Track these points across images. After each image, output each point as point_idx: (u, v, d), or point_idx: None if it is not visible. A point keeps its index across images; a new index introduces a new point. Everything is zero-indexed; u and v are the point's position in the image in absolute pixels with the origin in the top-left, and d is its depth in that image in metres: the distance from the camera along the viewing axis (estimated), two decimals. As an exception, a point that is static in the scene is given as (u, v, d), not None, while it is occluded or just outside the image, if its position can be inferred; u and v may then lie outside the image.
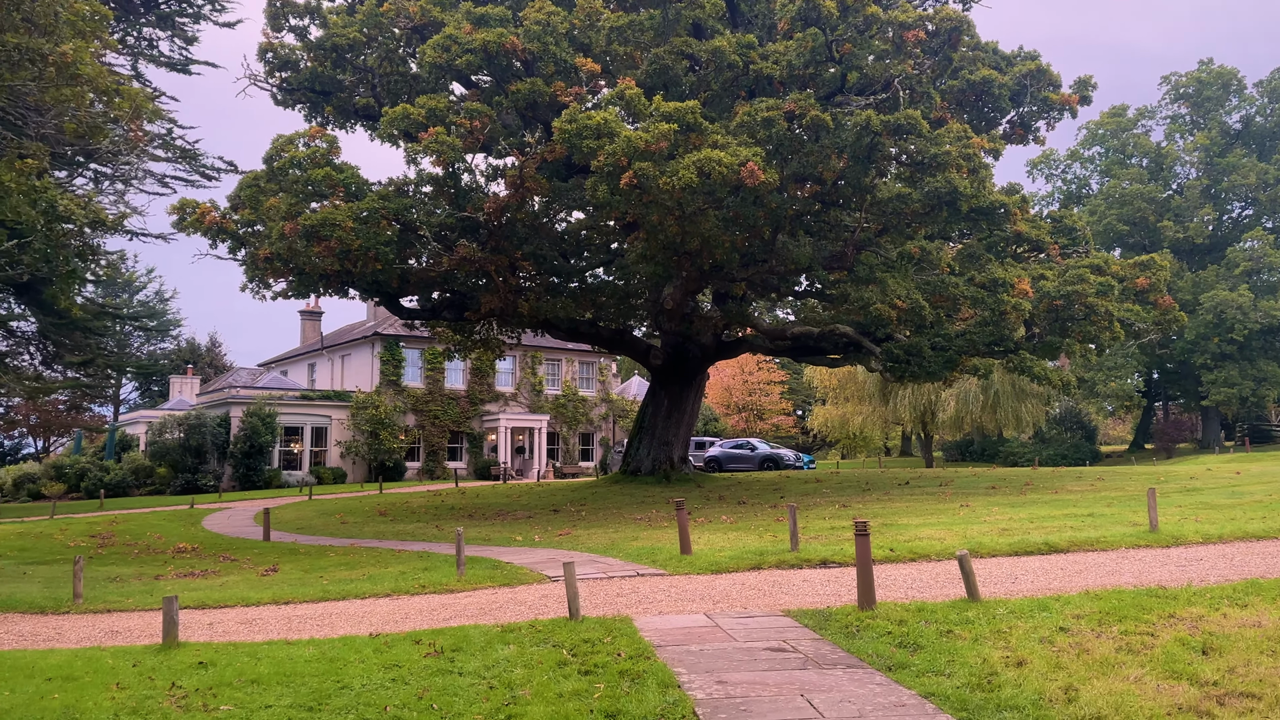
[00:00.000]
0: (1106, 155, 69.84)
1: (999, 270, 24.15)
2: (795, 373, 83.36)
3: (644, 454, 30.80)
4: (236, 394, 49.29)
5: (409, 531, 21.68)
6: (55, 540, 21.96)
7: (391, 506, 28.89)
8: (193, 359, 78.12)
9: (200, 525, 25.79)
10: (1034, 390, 58.22)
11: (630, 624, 8.45)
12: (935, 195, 21.93)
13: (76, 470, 46.28)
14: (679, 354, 30.73)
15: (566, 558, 14.40)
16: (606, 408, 58.09)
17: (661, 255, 22.53)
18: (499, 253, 22.77)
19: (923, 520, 16.99)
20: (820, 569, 11.98)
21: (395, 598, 11.64)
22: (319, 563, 16.00)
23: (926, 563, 12.16)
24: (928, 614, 8.32)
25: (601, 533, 18.08)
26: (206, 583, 14.07)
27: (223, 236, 23.19)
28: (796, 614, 8.72)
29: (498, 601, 10.67)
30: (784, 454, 45.08)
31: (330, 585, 12.79)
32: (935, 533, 14.68)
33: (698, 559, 12.79)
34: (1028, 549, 12.73)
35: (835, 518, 18.30)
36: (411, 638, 8.31)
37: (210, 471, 46.66)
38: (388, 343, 51.12)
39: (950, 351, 25.83)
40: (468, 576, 12.63)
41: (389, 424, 50.02)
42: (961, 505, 19.99)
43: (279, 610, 11.16)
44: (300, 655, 7.82)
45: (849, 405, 63.52)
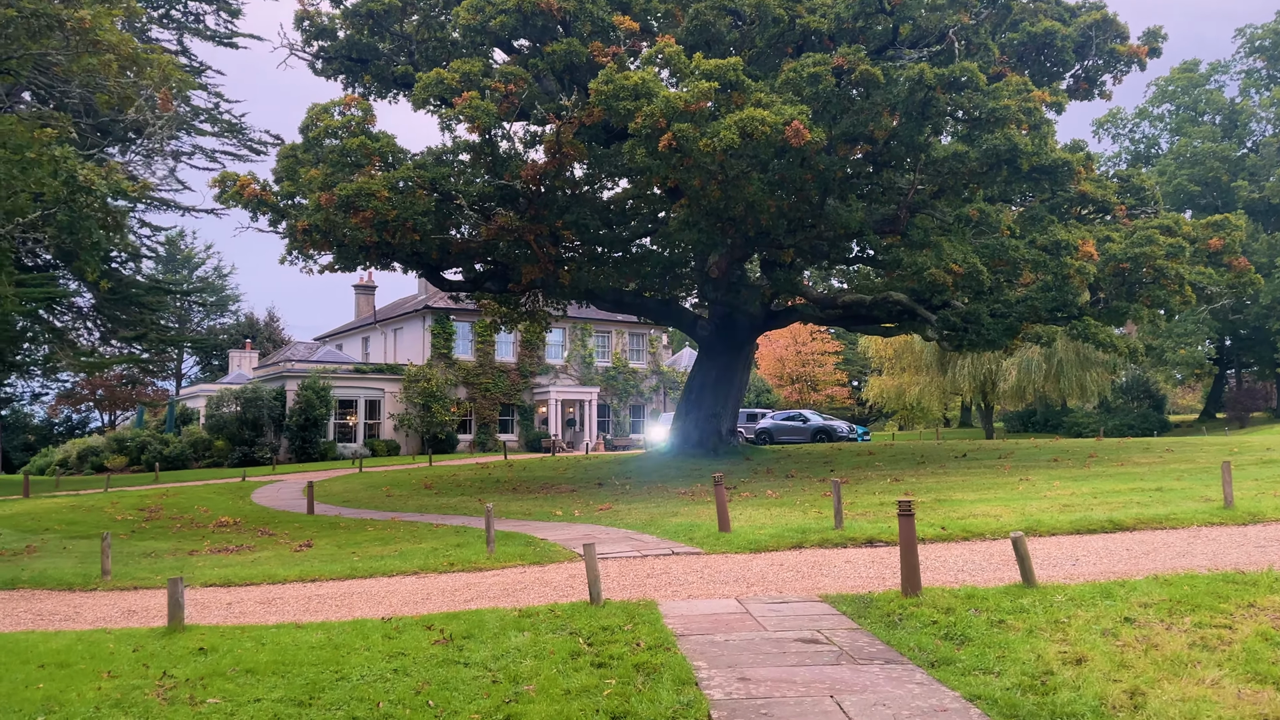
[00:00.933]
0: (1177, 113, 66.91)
1: (1062, 232, 22.96)
2: (850, 343, 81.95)
3: (692, 426, 30.21)
4: (291, 367, 49.80)
5: (451, 505, 21.44)
6: (105, 513, 22.13)
7: (438, 479, 28.75)
8: (251, 333, 79.27)
9: (249, 498, 25.89)
10: (1099, 358, 56.29)
11: (654, 609, 7.91)
12: (994, 153, 20.84)
13: (137, 443, 47.16)
14: (726, 324, 29.99)
15: (602, 534, 13.95)
16: (657, 379, 57.59)
17: (704, 222, 21.80)
18: (539, 221, 22.24)
19: (979, 495, 16.17)
20: (865, 548, 11.32)
21: (421, 576, 11.27)
22: (355, 537, 15.76)
23: (980, 542, 11.42)
24: (978, 601, 7.64)
25: (642, 508, 17.58)
26: (239, 558, 13.88)
27: (263, 209, 22.98)
28: (834, 599, 8.10)
29: (523, 582, 10.22)
30: (837, 425, 44.15)
31: (360, 562, 12.48)
32: (991, 509, 13.89)
33: (736, 537, 12.21)
34: (1090, 527, 11.91)
35: (885, 493, 17.55)
36: (424, 622, 7.87)
37: (267, 444, 47.23)
38: (438, 316, 51.15)
39: (1010, 318, 24.75)
40: (498, 554, 12.21)
41: (440, 397, 50.15)
42: (1021, 479, 19.08)
43: (302, 589, 10.85)
44: (306, 641, 7.42)
45: (905, 375, 62.12)
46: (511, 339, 53.20)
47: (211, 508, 23.07)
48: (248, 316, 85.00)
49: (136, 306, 37.25)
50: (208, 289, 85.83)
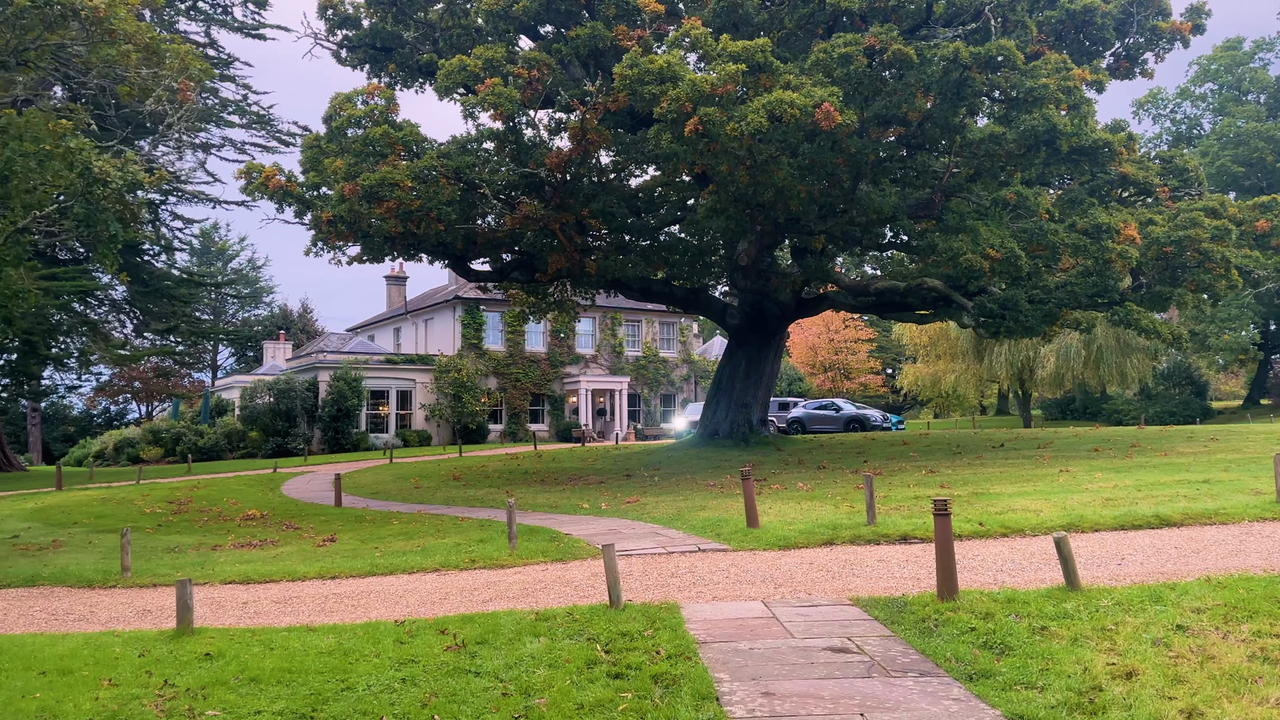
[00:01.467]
0: (1220, 92, 65.17)
1: (1103, 215, 22.25)
2: (884, 330, 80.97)
3: (721, 416, 29.81)
4: (323, 358, 49.99)
5: (478, 497, 21.25)
6: (134, 506, 22.19)
7: (467, 470, 28.62)
8: (285, 325, 79.84)
9: (278, 490, 25.90)
10: (1140, 344, 55.13)
11: (676, 613, 7.57)
12: (1031, 134, 20.21)
13: (172, 435, 47.60)
14: (756, 312, 29.52)
15: (627, 529, 13.64)
16: (688, 369, 57.19)
17: (733, 208, 21.36)
18: (564, 210, 21.91)
19: (1017, 488, 15.66)
20: (899, 545, 10.90)
21: (442, 573, 11.02)
22: (379, 532, 15.57)
23: (1020, 539, 10.96)
24: (1018, 605, 7.22)
25: (670, 501, 17.25)
26: (261, 554, 13.73)
27: (288, 200, 22.87)
28: (866, 603, 7.71)
29: (544, 581, 9.92)
30: (870, 414, 43.53)
31: (381, 558, 12.26)
32: (1031, 503, 13.40)
33: (765, 533, 11.84)
34: (1135, 522, 11.41)
35: (920, 485, 17.08)
36: (438, 625, 7.59)
37: (300, 435, 47.45)
38: (468, 306, 51.06)
39: (1049, 304, 24.07)
40: (521, 550, 11.94)
41: (471, 387, 50.12)
42: (1061, 470, 18.51)
43: (321, 587, 10.64)
44: (315, 646, 7.17)
45: (941, 363, 61.24)
46: (541, 329, 53.01)
47: (240, 500, 23.07)
48: (281, 308, 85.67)
49: (169, 299, 37.42)
50: (241, 281, 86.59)
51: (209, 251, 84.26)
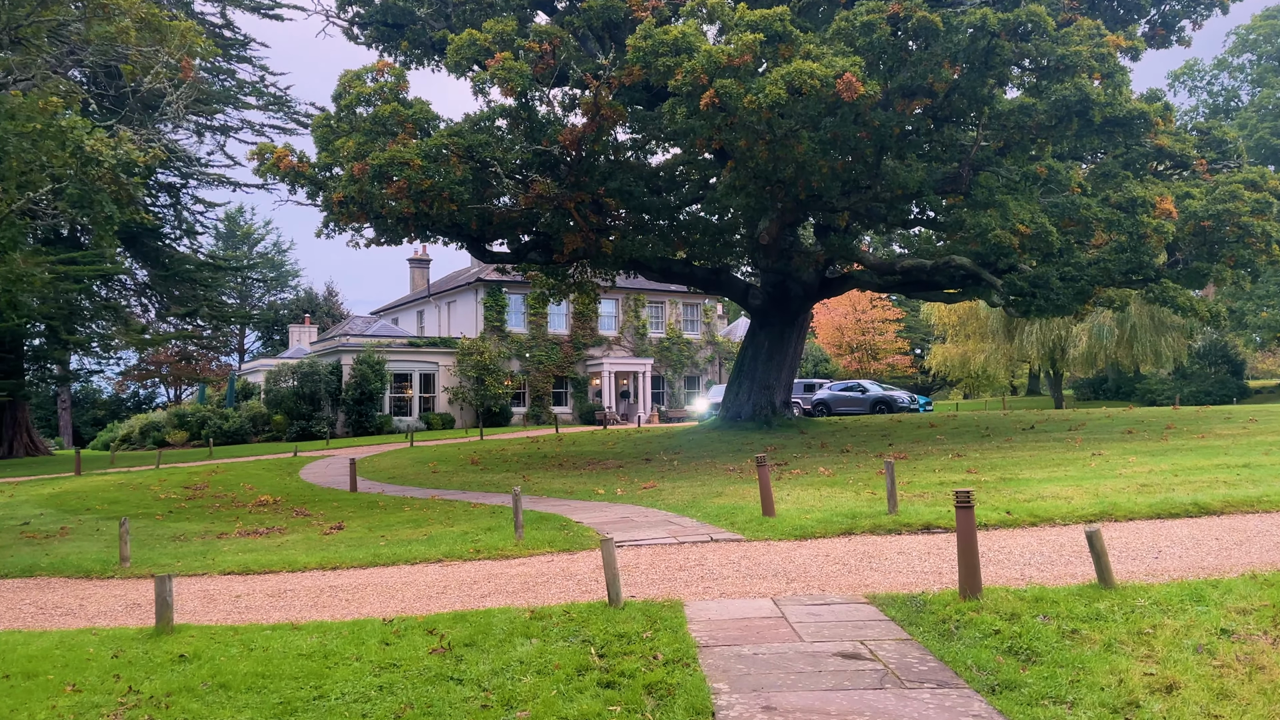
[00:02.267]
0: (1259, 63, 63.31)
1: (1138, 188, 21.42)
2: (912, 310, 79.90)
3: (744, 399, 29.27)
4: (347, 342, 49.92)
5: (495, 482, 20.91)
6: (149, 492, 22.05)
7: (487, 454, 28.31)
8: (310, 308, 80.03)
9: (296, 475, 25.71)
10: (1175, 323, 53.86)
11: (679, 612, 7.11)
12: (1063, 104, 19.40)
13: (198, 419, 47.73)
14: (779, 293, 28.90)
15: (640, 517, 13.19)
16: (712, 350, 56.61)
17: (752, 185, 20.74)
18: (579, 189, 21.39)
19: (1048, 473, 15.03)
20: (921, 535, 10.37)
21: (445, 564, 10.63)
22: (388, 519, 15.24)
23: (1050, 528, 10.40)
24: (1047, 605, 6.69)
25: (687, 486, 16.78)
26: (266, 542, 13.42)
27: (301, 181, 22.51)
28: (882, 600, 7.21)
29: (547, 574, 9.50)
30: (897, 396, 42.77)
31: (385, 548, 11.91)
32: (1062, 489, 12.80)
33: (780, 522, 11.34)
34: (1173, 510, 10.79)
35: (946, 470, 16.49)
36: (428, 624, 7.18)
37: (324, 418, 47.46)
38: (490, 289, 50.73)
39: (1081, 282, 23.32)
40: (527, 540, 11.53)
41: (494, 370, 49.88)
42: (1094, 454, 17.84)
43: (319, 578, 10.29)
44: (296, 647, 6.78)
45: (970, 343, 60.21)
46: (564, 311, 52.63)
47: (256, 485, 22.89)
48: (307, 291, 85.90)
49: (190, 283, 37.35)
50: (266, 264, 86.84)
51: (234, 235, 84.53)
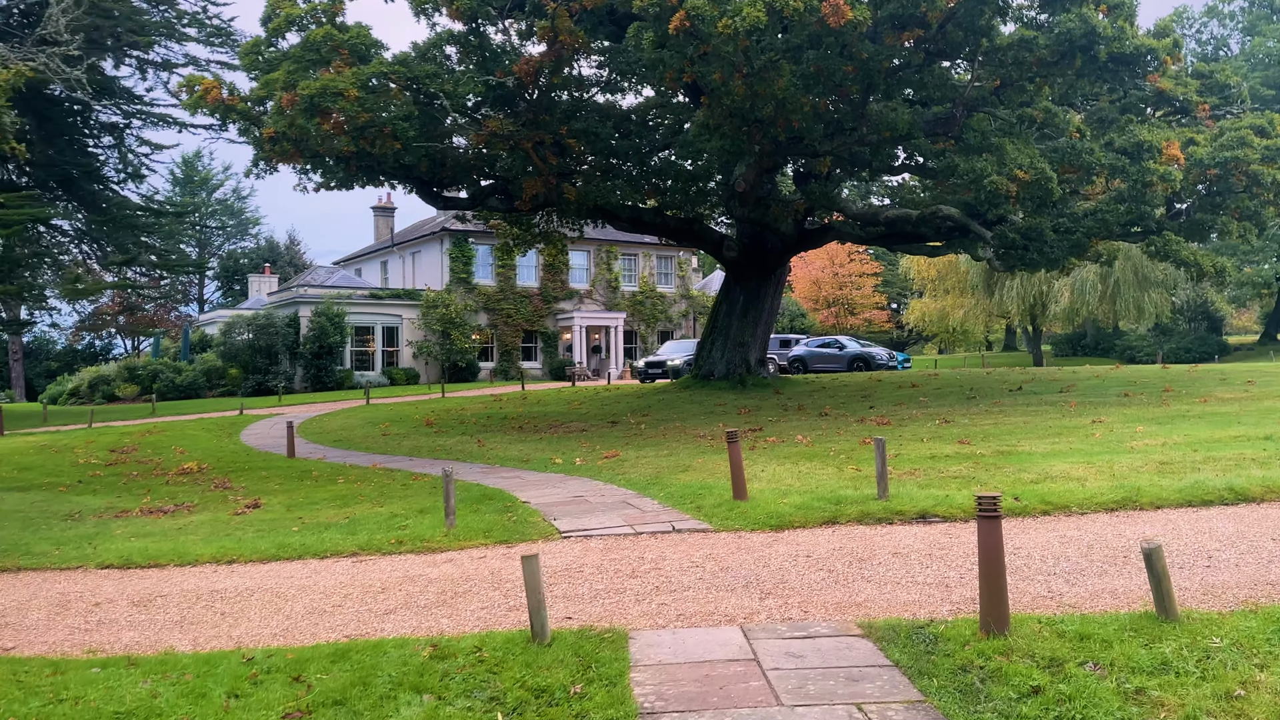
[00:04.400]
0: (1251, 9, 61.80)
1: (1143, 132, 19.81)
2: (890, 264, 78.47)
3: (717, 356, 27.70)
4: (305, 293, 47.79)
5: (446, 447, 19.30)
6: (71, 456, 20.25)
7: (445, 415, 26.64)
8: (271, 257, 77.44)
9: (236, 436, 23.97)
10: (1157, 278, 52.77)
11: (622, 649, 5.52)
12: (1067, 38, 17.72)
13: (149, 372, 45.65)
14: (755, 245, 27.20)
15: (595, 496, 11.62)
16: (686, 304, 54.94)
17: (728, 125, 18.93)
18: (539, 128, 19.50)
19: (1049, 446, 13.57)
20: (917, 526, 8.85)
21: (358, 559, 9.02)
22: (315, 494, 13.58)
23: (1066, 518, 8.91)
24: (1095, 645, 5.16)
25: (652, 456, 15.22)
26: (167, 524, 11.74)
27: (232, 116, 20.48)
28: (882, 632, 5.66)
29: (473, 577, 7.90)
30: (876, 353, 41.39)
31: (296, 535, 10.27)
32: (1070, 467, 11.33)
33: (754, 507, 9.79)
34: (1205, 497, 9.33)
35: (935, 439, 15.00)
36: (298, 665, 5.57)
37: (281, 373, 45.52)
38: (456, 239, 48.64)
39: (1077, 234, 21.79)
40: (462, 526, 9.92)
41: (460, 323, 48.04)
42: (1093, 420, 16.42)
43: (205, 578, 8.64)
44: (118, 700, 5.15)
45: (949, 298, 58.93)
46: (534, 263, 50.70)
47: (189, 448, 21.14)
48: (268, 240, 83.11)
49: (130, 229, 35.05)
50: (226, 211, 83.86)
51: (192, 181, 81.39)
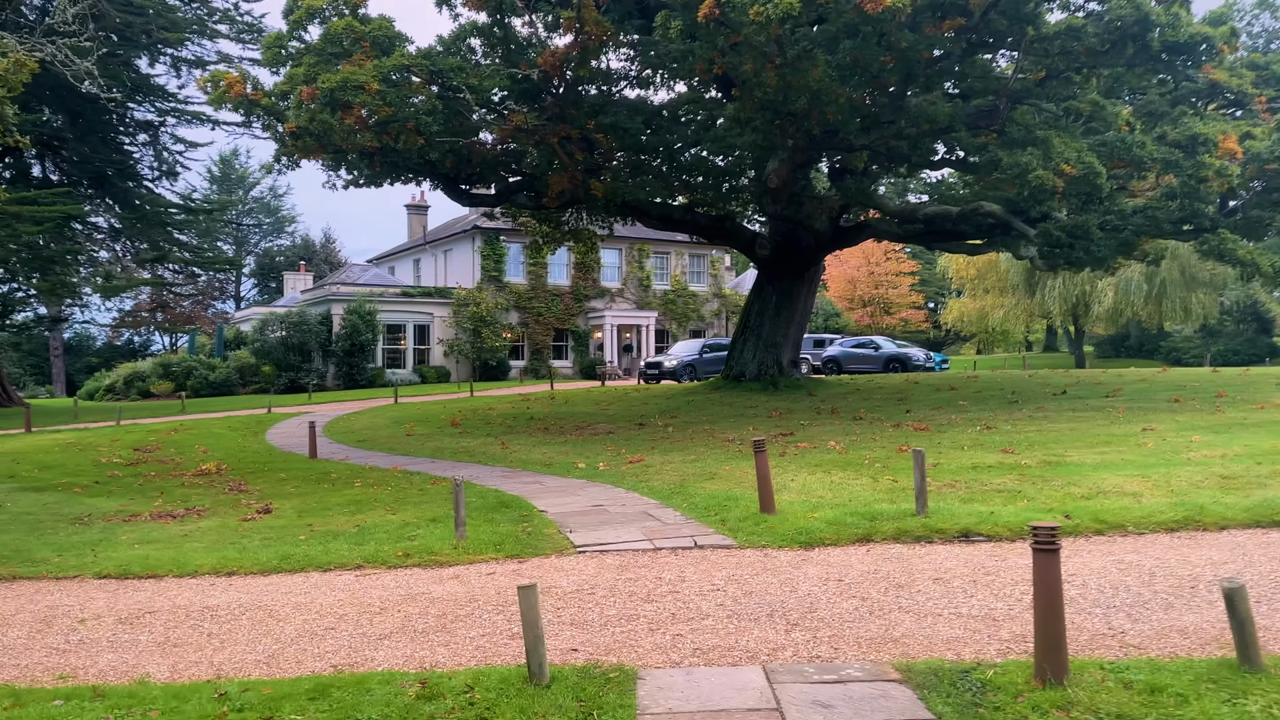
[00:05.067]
0: (1306, 2, 59.76)
1: (1198, 125, 18.90)
2: (927, 263, 77.24)
3: (748, 357, 27.04)
4: (337, 290, 47.77)
5: (469, 449, 18.85)
6: (94, 454, 20.07)
7: (471, 414, 26.24)
8: (307, 255, 77.82)
9: (262, 435, 23.71)
10: (1205, 278, 51.28)
11: (629, 693, 4.95)
12: (1118, 26, 16.90)
13: (183, 369, 45.85)
14: (788, 242, 26.52)
15: (616, 506, 11.06)
16: (719, 303, 54.27)
17: (760, 119, 18.29)
18: (564, 122, 18.97)
19: (1099, 455, 12.81)
20: (959, 546, 8.20)
21: (362, 573, 8.54)
22: (329, 499, 13.16)
23: (1122, 539, 8.22)
24: (1169, 701, 4.51)
25: (678, 462, 14.64)
26: (174, 530, 11.36)
27: (256, 111, 20.18)
28: (923, 677, 5.04)
29: (479, 596, 7.38)
30: (912, 353, 40.46)
31: (302, 544, 9.83)
32: (1124, 481, 10.59)
33: (782, 522, 9.18)
34: (1276, 517, 8.59)
35: (976, 447, 14.27)
36: (273, 703, 5.06)
37: (314, 370, 45.53)
38: (488, 236, 48.34)
39: (1125, 232, 20.94)
40: (474, 538, 9.41)
41: (491, 322, 47.78)
42: (1144, 428, 15.59)
43: (201, 591, 8.21)
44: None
45: (989, 297, 57.71)
46: (565, 261, 50.31)
47: (212, 448, 20.89)
48: (304, 238, 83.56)
49: (161, 226, 35.07)
50: (262, 209, 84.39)
51: (229, 179, 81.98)
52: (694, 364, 38.21)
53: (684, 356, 39.27)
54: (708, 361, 38.44)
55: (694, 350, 39.75)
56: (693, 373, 37.72)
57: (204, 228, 53.82)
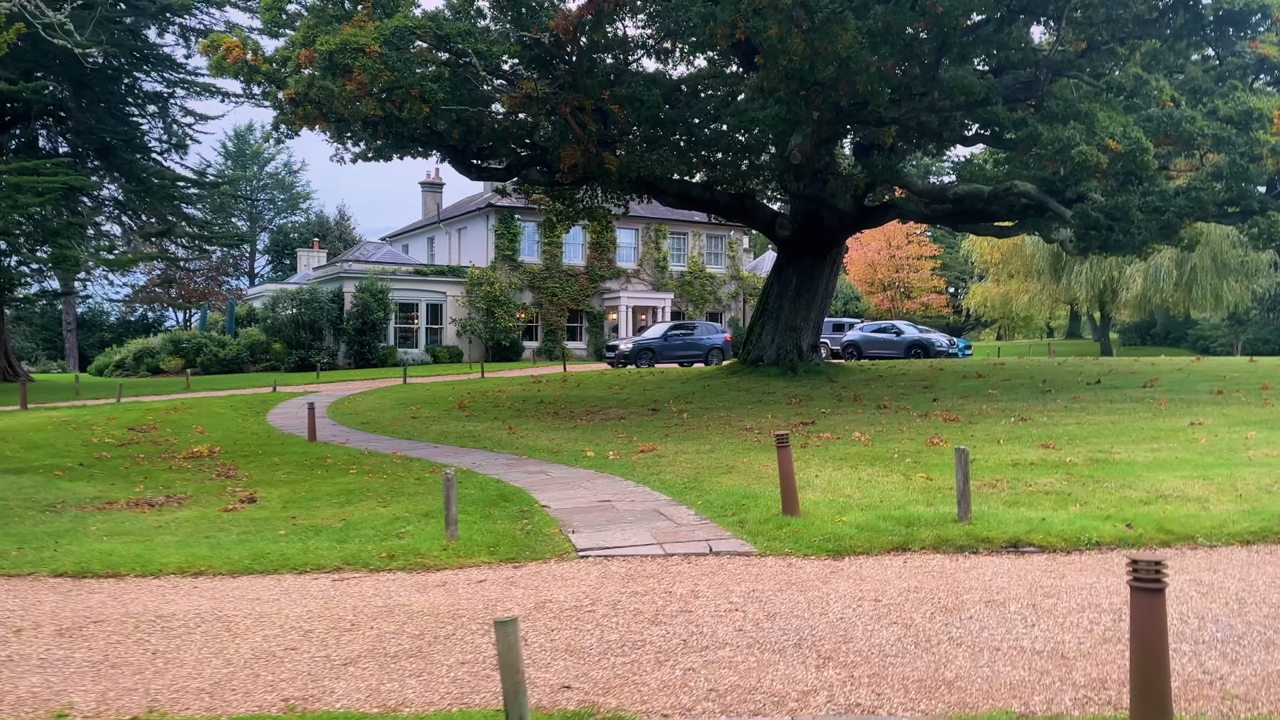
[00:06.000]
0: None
1: (1252, 99, 17.75)
2: (949, 247, 75.86)
3: (767, 341, 26.07)
4: (349, 268, 47.06)
5: (475, 434, 18.02)
6: (87, 433, 19.35)
7: (480, 397, 25.44)
8: (321, 232, 77.07)
9: (263, 416, 22.98)
10: (1236, 265, 49.84)
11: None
12: (1169, -7, 15.80)
13: (193, 345, 45.37)
14: (811, 222, 25.48)
15: (624, 501, 10.18)
16: (736, 286, 53.24)
17: (784, 88, 17.25)
18: (577, 90, 17.99)
19: (1150, 452, 11.82)
20: (1008, 558, 7.27)
21: (339, 577, 7.71)
22: (320, 488, 12.34)
23: (1192, 551, 7.27)
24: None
25: (692, 452, 13.74)
26: (148, 520, 10.56)
27: (256, 78, 19.30)
28: (986, 736, 4.14)
29: (465, 610, 6.51)
30: (934, 339, 39.33)
31: (280, 541, 9.00)
32: (1184, 483, 9.61)
33: (807, 524, 8.28)
34: (1365, 529, 7.62)
35: (1014, 440, 13.30)
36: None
37: (325, 348, 44.91)
38: (502, 215, 47.43)
39: (1168, 214, 19.78)
40: (468, 535, 8.57)
41: (504, 301, 46.99)
42: (1191, 422, 14.58)
43: (158, 596, 7.39)
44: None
45: (1013, 282, 56.40)
46: (580, 241, 49.39)
47: (210, 428, 20.15)
48: (318, 215, 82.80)
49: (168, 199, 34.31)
50: (277, 185, 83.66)
51: (244, 154, 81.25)
52: (654, 347, 36.68)
53: (643, 340, 37.86)
54: (672, 345, 37.08)
55: (657, 333, 38.37)
56: (652, 357, 36.23)
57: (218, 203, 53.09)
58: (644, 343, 37.23)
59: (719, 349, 37.79)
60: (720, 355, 37.45)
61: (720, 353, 37.64)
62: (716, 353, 37.56)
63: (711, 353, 37.50)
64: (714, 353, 37.53)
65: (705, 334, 38.61)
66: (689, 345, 37.53)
